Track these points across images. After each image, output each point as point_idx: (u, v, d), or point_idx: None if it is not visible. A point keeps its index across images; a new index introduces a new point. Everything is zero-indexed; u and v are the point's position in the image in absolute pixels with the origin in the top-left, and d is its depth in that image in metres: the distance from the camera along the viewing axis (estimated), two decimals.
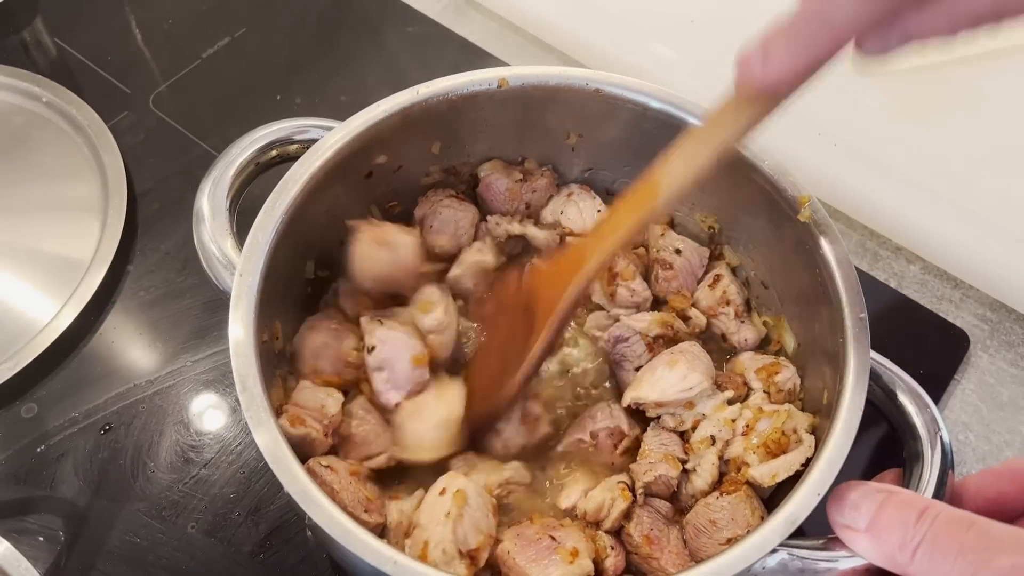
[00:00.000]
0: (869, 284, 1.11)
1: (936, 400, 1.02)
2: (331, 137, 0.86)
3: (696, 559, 0.80)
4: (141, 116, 1.26)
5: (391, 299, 0.92)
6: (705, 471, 0.82)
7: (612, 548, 0.80)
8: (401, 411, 0.85)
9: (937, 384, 1.06)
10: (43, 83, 1.24)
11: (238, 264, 0.79)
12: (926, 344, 1.09)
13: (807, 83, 0.64)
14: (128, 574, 0.91)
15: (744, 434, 0.83)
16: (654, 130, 0.92)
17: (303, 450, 0.79)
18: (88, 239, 1.12)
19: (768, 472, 0.79)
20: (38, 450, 0.98)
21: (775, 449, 0.81)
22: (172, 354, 1.06)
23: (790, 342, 0.92)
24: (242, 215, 0.86)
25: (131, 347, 1.06)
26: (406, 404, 0.85)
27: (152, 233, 1.15)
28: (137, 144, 1.23)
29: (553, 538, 0.78)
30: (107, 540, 0.93)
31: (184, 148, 1.23)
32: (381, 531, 0.79)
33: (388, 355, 0.86)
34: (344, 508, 0.71)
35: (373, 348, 0.86)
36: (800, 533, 0.69)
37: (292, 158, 0.87)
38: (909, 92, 1.21)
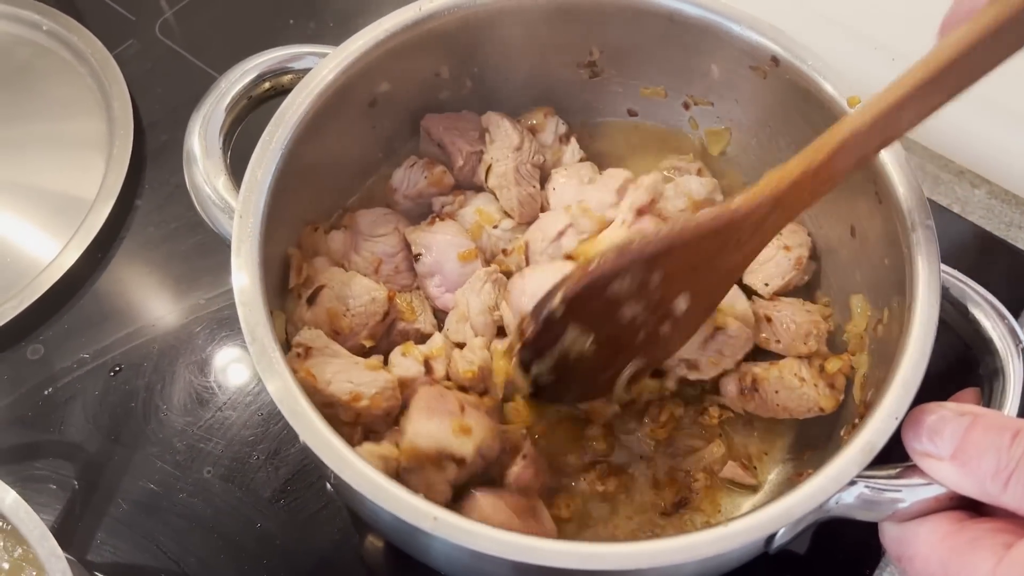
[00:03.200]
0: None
1: None
2: (326, 65, 0.79)
3: None
4: (147, 44, 1.19)
5: None
6: None
7: (524, 457, 0.75)
8: None
9: None
10: (44, 11, 1.17)
11: (236, 205, 0.72)
12: (994, 274, 1.00)
13: None
14: (142, 521, 0.86)
15: None
16: (686, 39, 0.85)
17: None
18: (93, 174, 1.05)
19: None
20: (45, 393, 0.93)
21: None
22: (184, 292, 1.00)
23: None
24: (239, 158, 0.78)
25: (141, 285, 1.00)
26: None
27: (161, 166, 1.09)
28: (143, 74, 1.16)
29: (462, 410, 0.73)
30: (119, 486, 0.88)
31: (193, 77, 1.16)
32: None
33: (436, 258, 0.86)
34: None
35: (419, 255, 0.86)
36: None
37: (286, 90, 0.79)
38: None
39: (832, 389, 0.81)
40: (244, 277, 0.68)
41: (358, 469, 0.60)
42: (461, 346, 0.83)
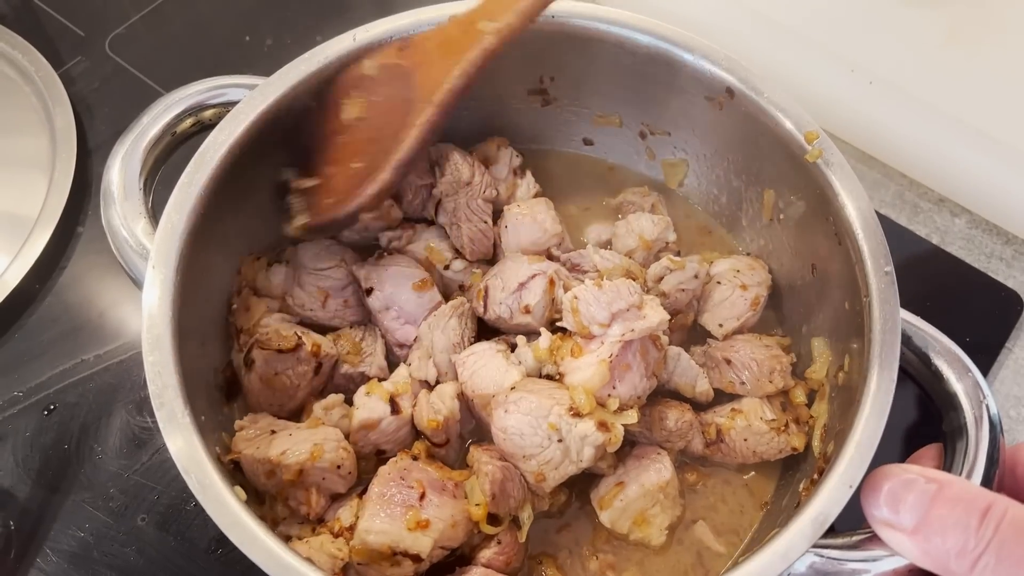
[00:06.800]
0: (908, 240, 0.99)
1: (985, 371, 0.91)
2: (252, 100, 0.75)
3: None
4: (96, 61, 1.15)
5: None
6: None
7: (499, 543, 0.71)
8: None
9: (986, 352, 0.93)
10: None
11: (150, 256, 0.68)
12: (973, 308, 0.96)
13: None
14: (72, 573, 0.82)
15: None
16: (638, 67, 0.81)
17: None
18: (34, 197, 1.01)
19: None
20: None
21: None
22: (126, 326, 0.96)
23: None
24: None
25: (80, 317, 0.96)
26: None
27: None
28: (91, 93, 1.11)
29: (422, 497, 0.68)
30: (49, 535, 0.83)
31: (144, 97, 1.11)
32: None
33: (390, 291, 0.81)
34: None
35: (371, 289, 0.81)
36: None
37: (211, 125, 0.76)
38: (956, 18, 1.06)
39: (799, 424, 0.77)
40: (154, 333, 0.64)
41: (278, 557, 0.57)
42: (424, 383, 0.79)
